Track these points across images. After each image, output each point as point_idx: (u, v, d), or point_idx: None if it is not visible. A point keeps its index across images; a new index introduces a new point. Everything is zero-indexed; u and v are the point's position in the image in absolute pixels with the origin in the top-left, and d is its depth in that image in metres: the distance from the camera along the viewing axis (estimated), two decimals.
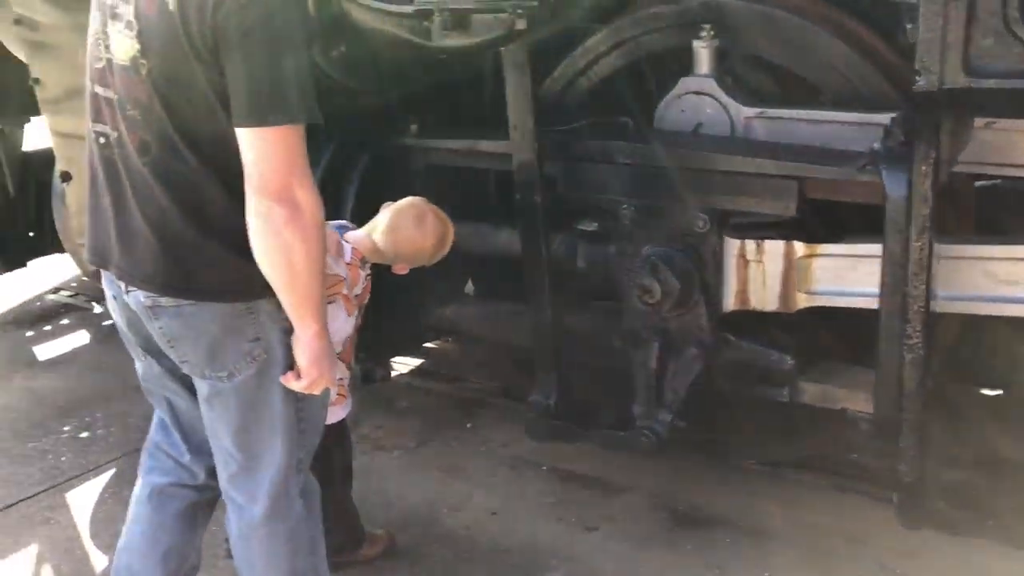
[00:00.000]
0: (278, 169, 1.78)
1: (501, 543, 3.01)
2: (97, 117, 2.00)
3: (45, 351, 4.86)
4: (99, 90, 1.98)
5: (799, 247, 2.57)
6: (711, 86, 2.78)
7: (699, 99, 2.83)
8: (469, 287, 3.90)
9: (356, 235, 2.61)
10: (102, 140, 2.00)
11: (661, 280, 2.63)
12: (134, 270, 1.99)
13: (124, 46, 1.89)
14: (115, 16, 1.91)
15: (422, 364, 4.44)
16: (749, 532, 3.00)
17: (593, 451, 3.27)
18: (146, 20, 1.83)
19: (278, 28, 1.76)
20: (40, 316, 5.35)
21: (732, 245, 2.65)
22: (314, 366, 1.97)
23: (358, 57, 2.94)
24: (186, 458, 2.31)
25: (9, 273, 5.17)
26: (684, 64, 2.87)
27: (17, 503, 3.37)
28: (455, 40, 2.67)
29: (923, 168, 2.08)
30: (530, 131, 2.74)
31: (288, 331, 1.99)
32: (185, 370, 2.08)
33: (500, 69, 2.86)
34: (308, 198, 1.81)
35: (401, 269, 2.69)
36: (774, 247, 2.60)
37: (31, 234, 5.11)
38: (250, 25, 1.74)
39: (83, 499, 3.41)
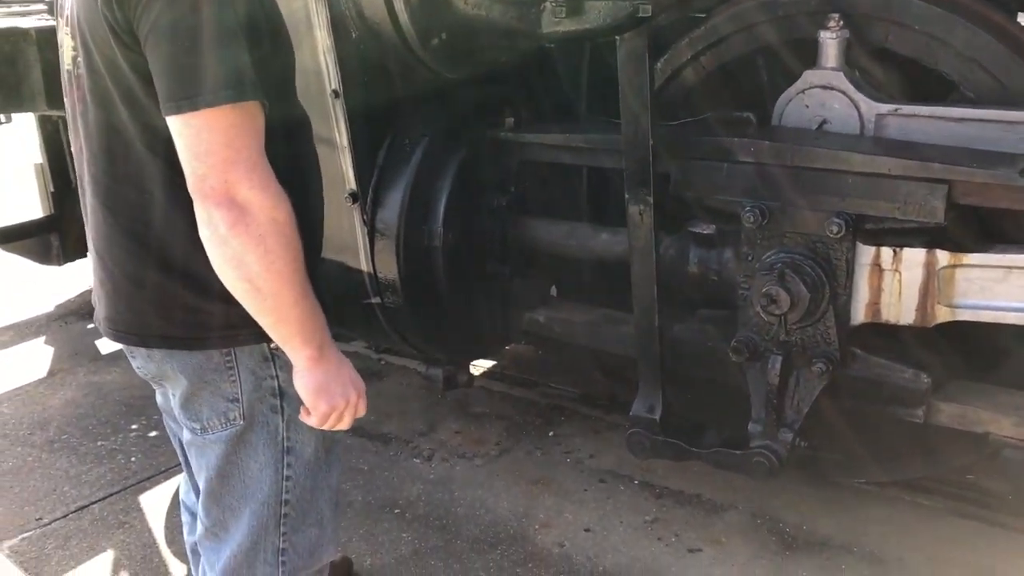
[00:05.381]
0: (212, 163, 1.46)
1: (599, 564, 2.84)
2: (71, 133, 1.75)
3: (108, 344, 4.76)
4: (67, 102, 1.73)
5: (942, 256, 2.36)
6: (839, 80, 2.59)
7: (825, 94, 2.63)
8: (553, 290, 3.74)
9: None
10: (77, 161, 1.74)
11: (789, 289, 2.43)
12: (99, 306, 1.76)
13: (67, 46, 1.66)
14: (62, 14, 1.68)
15: (494, 367, 4.28)
16: (867, 559, 2.80)
17: (687, 466, 3.09)
18: (78, 9, 1.59)
19: (203, 14, 1.44)
20: None
21: (866, 253, 2.44)
22: (320, 398, 1.64)
23: (457, 47, 2.78)
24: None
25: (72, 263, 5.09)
26: (803, 57, 2.69)
27: (91, 505, 3.26)
28: (567, 28, 2.50)
29: None
30: (645, 126, 2.54)
31: (279, 391, 1.72)
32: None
33: (602, 58, 2.69)
34: (258, 196, 1.47)
35: None
36: (913, 256, 2.39)
37: None
38: (173, 12, 1.44)
39: (157, 502, 3.29)
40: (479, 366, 4.22)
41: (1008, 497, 3.05)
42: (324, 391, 1.63)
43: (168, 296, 1.63)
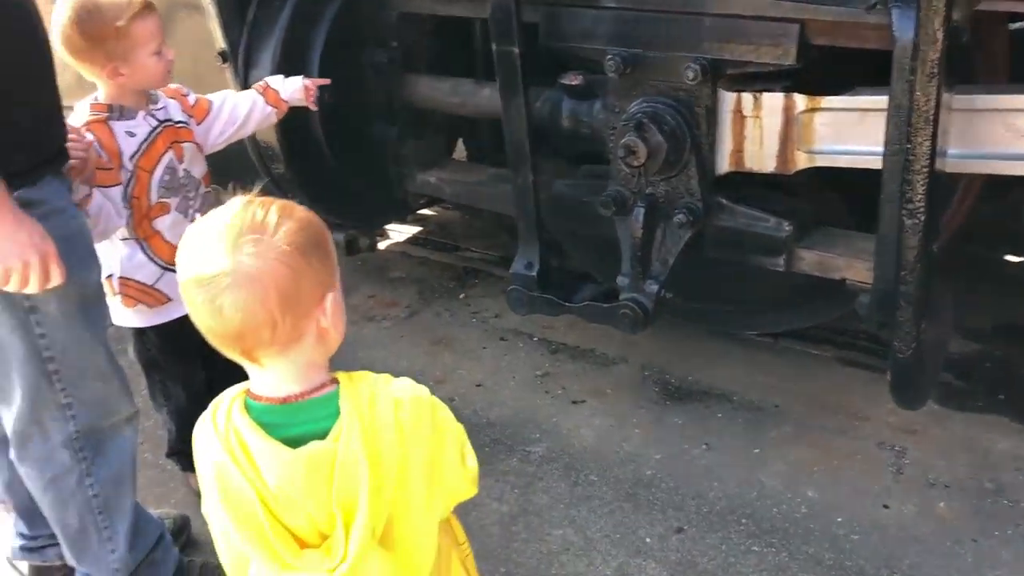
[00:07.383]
0: None
1: (484, 416, 2.92)
2: None
3: None
4: None
5: (800, 100, 2.30)
6: None
7: None
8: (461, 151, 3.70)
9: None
10: None
11: (646, 139, 2.39)
12: None
13: None
14: None
15: (418, 233, 4.28)
16: (744, 406, 2.86)
17: (585, 323, 3.12)
18: None
19: None
20: None
21: (728, 99, 2.38)
22: None
23: None
24: None
25: None
26: None
27: None
28: None
29: (932, 2, 1.79)
30: None
31: None
32: None
33: None
34: None
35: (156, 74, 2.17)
36: (773, 100, 2.33)
37: None
38: None
39: None
40: (401, 232, 4.22)
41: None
42: None
43: None
